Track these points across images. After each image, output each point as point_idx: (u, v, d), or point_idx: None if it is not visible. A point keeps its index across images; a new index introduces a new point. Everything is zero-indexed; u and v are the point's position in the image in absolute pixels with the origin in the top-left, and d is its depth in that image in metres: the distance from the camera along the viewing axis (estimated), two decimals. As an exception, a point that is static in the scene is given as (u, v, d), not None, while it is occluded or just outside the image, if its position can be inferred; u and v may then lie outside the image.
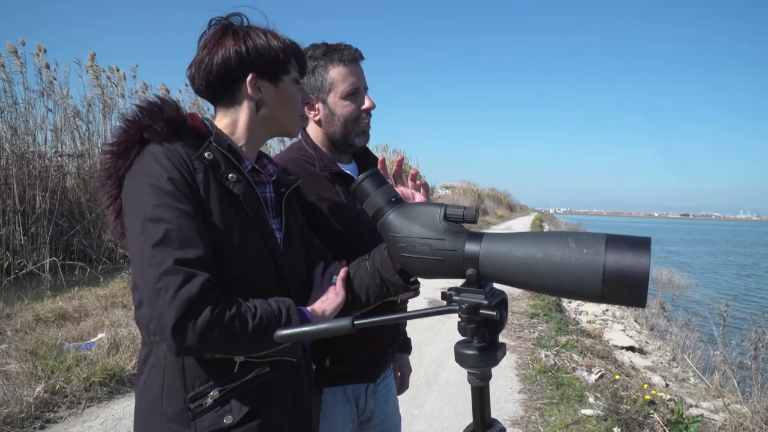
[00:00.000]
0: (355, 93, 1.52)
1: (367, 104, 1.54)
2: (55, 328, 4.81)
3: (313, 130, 1.58)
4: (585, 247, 0.81)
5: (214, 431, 1.04)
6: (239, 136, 1.20)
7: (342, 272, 1.26)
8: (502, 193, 59.50)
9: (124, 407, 3.61)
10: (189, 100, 10.63)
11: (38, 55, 8.72)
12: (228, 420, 1.05)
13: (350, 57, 1.51)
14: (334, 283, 1.24)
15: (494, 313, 0.85)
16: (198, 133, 1.13)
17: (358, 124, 1.53)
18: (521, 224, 33.76)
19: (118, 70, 10.12)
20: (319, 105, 1.54)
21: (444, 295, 0.92)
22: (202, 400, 1.04)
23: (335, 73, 1.50)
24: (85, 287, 6.42)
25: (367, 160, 1.68)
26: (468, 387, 0.95)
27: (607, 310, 10.42)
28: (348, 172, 1.57)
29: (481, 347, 0.88)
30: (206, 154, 1.10)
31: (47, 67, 8.77)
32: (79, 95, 9.46)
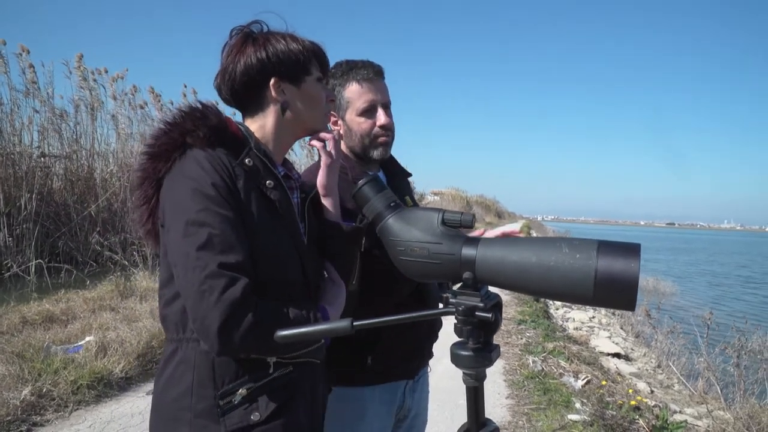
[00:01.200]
0: (371, 110, 1.57)
1: (381, 121, 1.57)
2: (42, 331, 4.75)
3: (341, 143, 1.64)
4: (577, 252, 0.84)
5: (242, 428, 1.07)
6: (268, 141, 1.23)
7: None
8: (490, 200, 59.78)
9: (112, 410, 3.58)
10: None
11: (21, 55, 8.64)
12: (255, 417, 1.08)
13: (366, 75, 1.56)
14: (328, 276, 1.29)
15: (489, 316, 0.89)
16: (235, 138, 1.16)
17: (374, 139, 1.58)
18: (509, 231, 33.70)
19: (106, 72, 10.08)
20: (340, 122, 1.61)
21: (441, 298, 0.95)
22: (231, 398, 1.07)
23: (350, 91, 1.56)
24: (72, 290, 6.36)
25: (394, 169, 1.74)
26: (458, 393, 0.98)
27: (593, 317, 10.52)
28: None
29: (476, 348, 0.92)
30: (246, 160, 1.13)
31: (31, 67, 8.70)
32: (68, 96, 9.39)
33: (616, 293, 0.81)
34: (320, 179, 1.33)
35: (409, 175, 1.78)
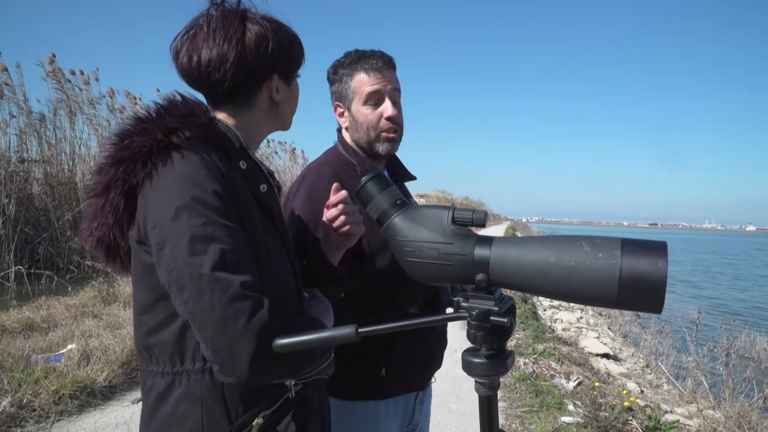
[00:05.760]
0: (377, 101, 1.49)
1: (388, 112, 1.49)
2: (22, 339, 4.62)
3: (347, 136, 1.58)
4: (600, 251, 0.79)
5: None
6: (247, 139, 1.09)
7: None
8: (475, 202, 60.03)
9: (96, 421, 3.48)
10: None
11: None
12: None
13: (374, 65, 1.48)
14: (311, 295, 1.21)
15: (505, 320, 0.83)
16: (220, 137, 1.02)
17: (380, 133, 1.50)
18: (494, 233, 33.81)
19: (82, 73, 9.88)
20: (345, 112, 1.54)
21: (452, 302, 0.89)
22: (248, 430, 0.96)
23: (357, 81, 1.49)
24: (53, 296, 6.21)
25: (397, 170, 1.66)
26: (450, 396, 0.92)
27: (581, 317, 10.55)
28: None
29: (489, 355, 0.86)
30: (241, 163, 1.02)
31: (5, 70, 8.50)
32: (44, 99, 9.20)
33: (642, 295, 0.76)
34: (358, 231, 1.27)
35: (414, 178, 1.69)
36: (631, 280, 0.76)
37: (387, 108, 1.49)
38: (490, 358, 0.86)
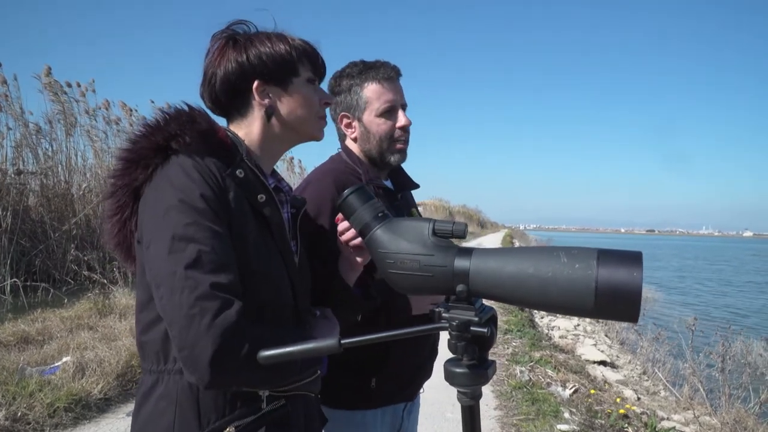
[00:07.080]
0: (391, 111, 1.51)
1: (402, 122, 1.52)
2: (17, 352, 4.60)
3: (352, 146, 1.58)
4: (577, 261, 0.80)
5: None
6: (255, 149, 1.13)
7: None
8: (473, 210, 60.15)
9: (90, 434, 3.47)
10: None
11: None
12: None
13: (386, 75, 1.50)
14: (322, 314, 1.21)
15: (485, 330, 0.84)
16: (224, 146, 1.06)
17: (393, 142, 1.53)
18: (492, 241, 34.07)
19: (79, 86, 9.90)
20: (355, 123, 1.54)
21: (432, 313, 0.90)
22: None
23: (370, 91, 1.50)
24: (49, 309, 6.19)
25: (401, 179, 1.67)
26: (446, 405, 0.93)
27: (578, 325, 10.53)
28: (390, 187, 1.59)
29: (471, 365, 0.87)
30: (238, 171, 1.04)
31: (4, 82, 8.51)
32: (38, 111, 9.20)
33: (618, 305, 0.77)
34: (363, 261, 1.27)
35: (417, 186, 1.72)
36: (606, 289, 0.77)
37: (401, 118, 1.52)
38: (472, 368, 0.87)
